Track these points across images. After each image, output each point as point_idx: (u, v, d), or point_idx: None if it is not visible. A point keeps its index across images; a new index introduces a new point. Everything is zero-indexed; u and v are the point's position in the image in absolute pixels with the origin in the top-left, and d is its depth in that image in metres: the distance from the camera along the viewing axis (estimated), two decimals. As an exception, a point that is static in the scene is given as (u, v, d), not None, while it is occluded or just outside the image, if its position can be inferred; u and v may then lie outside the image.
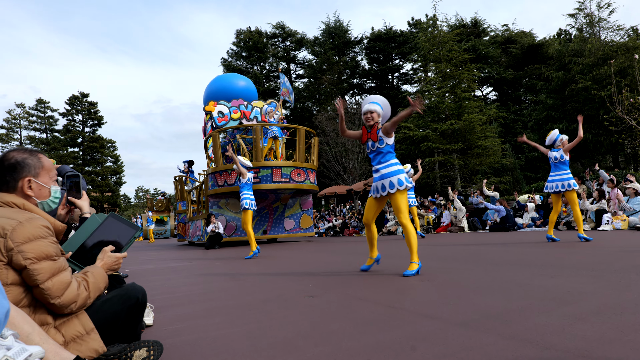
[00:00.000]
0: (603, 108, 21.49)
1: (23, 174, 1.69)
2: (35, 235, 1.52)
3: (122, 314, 1.73)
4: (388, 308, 2.74)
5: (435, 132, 24.53)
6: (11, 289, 1.49)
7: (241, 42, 42.34)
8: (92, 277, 1.72)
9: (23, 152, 1.72)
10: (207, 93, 16.59)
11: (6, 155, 1.68)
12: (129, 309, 1.75)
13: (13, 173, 1.67)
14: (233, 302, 3.35)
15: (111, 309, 1.68)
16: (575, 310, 2.34)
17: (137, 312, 1.81)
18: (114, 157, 48.67)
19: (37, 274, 1.50)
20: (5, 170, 1.66)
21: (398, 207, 4.26)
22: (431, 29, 27.08)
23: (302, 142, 13.93)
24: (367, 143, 4.50)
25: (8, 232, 1.48)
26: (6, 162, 1.67)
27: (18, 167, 1.68)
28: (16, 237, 1.49)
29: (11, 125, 45.08)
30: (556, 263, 4.43)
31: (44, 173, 1.76)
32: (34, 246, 1.51)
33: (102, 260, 1.85)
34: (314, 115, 32.83)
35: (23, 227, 1.51)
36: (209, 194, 13.84)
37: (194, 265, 7.22)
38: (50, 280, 1.53)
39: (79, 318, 1.61)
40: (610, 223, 9.89)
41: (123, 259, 1.94)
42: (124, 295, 1.75)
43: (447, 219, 14.88)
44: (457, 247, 7.63)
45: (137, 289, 1.81)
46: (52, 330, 1.54)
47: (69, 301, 1.58)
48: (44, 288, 1.52)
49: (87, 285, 1.68)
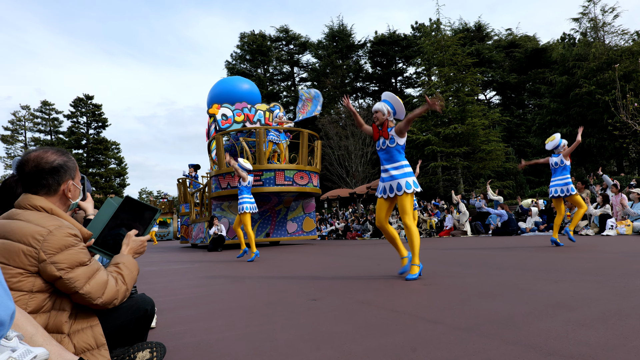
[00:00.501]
0: (607, 112, 21.41)
1: (66, 177, 1.67)
2: (66, 244, 1.52)
3: (131, 325, 1.74)
4: (390, 312, 2.74)
5: (438, 136, 24.51)
6: (36, 296, 1.49)
7: (245, 45, 42.50)
8: (125, 270, 1.73)
9: (61, 154, 1.68)
10: (211, 96, 16.65)
11: (45, 157, 1.62)
12: (137, 319, 1.76)
13: (56, 176, 1.63)
14: (235, 305, 3.35)
15: (120, 319, 1.69)
16: (579, 315, 2.33)
17: (145, 323, 1.82)
18: (117, 159, 48.82)
19: (74, 281, 1.52)
20: (47, 173, 1.61)
21: (404, 208, 4.25)
22: (435, 33, 27.11)
23: (305, 145, 13.94)
24: (377, 141, 4.46)
25: (40, 244, 1.47)
26: (47, 165, 1.62)
27: (61, 170, 1.65)
28: (48, 248, 1.48)
29: (16, 127, 45.32)
30: (560, 268, 4.41)
31: (77, 174, 1.76)
32: (66, 256, 1.51)
33: (128, 245, 1.84)
34: (317, 118, 32.88)
35: (54, 236, 1.50)
36: (212, 196, 13.86)
37: (197, 268, 7.22)
38: (88, 284, 1.55)
39: (92, 330, 1.61)
40: (614, 228, 9.84)
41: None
42: (133, 306, 1.76)
43: (449, 223, 14.84)
44: (459, 251, 7.61)
45: (147, 300, 1.82)
46: (65, 339, 1.54)
47: (110, 298, 1.61)
48: (84, 293, 1.54)
49: (123, 279, 1.69)
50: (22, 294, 1.46)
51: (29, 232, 1.48)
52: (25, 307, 1.46)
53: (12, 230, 1.49)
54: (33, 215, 1.56)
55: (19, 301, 1.45)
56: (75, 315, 1.60)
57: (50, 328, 1.52)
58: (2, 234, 1.50)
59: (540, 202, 13.51)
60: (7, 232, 1.49)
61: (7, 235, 1.49)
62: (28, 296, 1.47)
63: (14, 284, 1.46)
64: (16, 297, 1.45)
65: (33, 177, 1.60)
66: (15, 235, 1.48)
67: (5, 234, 1.50)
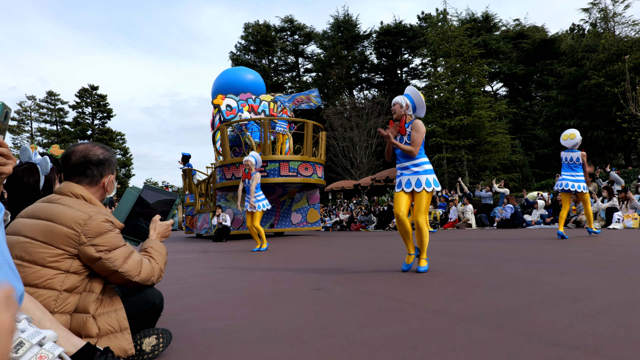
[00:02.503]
0: (616, 105, 21.18)
1: (108, 170, 1.80)
2: (104, 229, 1.64)
3: (139, 317, 1.78)
4: (395, 302, 2.74)
5: (443, 128, 24.36)
6: (70, 277, 1.59)
7: (249, 35, 42.31)
8: (155, 252, 1.86)
9: (106, 150, 1.82)
10: (216, 86, 16.62)
11: (93, 150, 1.77)
12: (145, 312, 1.80)
13: (100, 168, 1.77)
14: (240, 294, 3.38)
15: (128, 310, 1.72)
16: (585, 307, 2.33)
17: (153, 316, 1.86)
18: (122, 150, 49.00)
19: (114, 260, 1.64)
20: (93, 164, 1.75)
21: (419, 206, 4.03)
22: (441, 24, 26.82)
23: (310, 137, 13.91)
24: (395, 137, 4.21)
25: (81, 227, 1.58)
26: (94, 158, 1.76)
27: (106, 163, 1.79)
28: (88, 232, 1.60)
29: (22, 117, 45.54)
30: (565, 260, 4.39)
31: (115, 171, 1.88)
32: (104, 239, 1.63)
33: (155, 229, 1.96)
34: (322, 109, 32.80)
35: (93, 221, 1.61)
36: (217, 187, 13.91)
37: (202, 258, 7.27)
38: (126, 263, 1.67)
39: (117, 314, 1.67)
40: (621, 221, 9.78)
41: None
42: (142, 298, 1.79)
43: (454, 215, 14.81)
44: (464, 242, 7.60)
45: (155, 293, 1.85)
46: (90, 319, 1.61)
47: (147, 275, 1.75)
48: (123, 271, 1.66)
49: (155, 260, 1.82)
50: (58, 272, 1.57)
51: (71, 216, 1.59)
52: (61, 284, 1.56)
53: (56, 213, 1.59)
54: (73, 201, 1.67)
55: (56, 279, 1.56)
56: (101, 299, 1.69)
57: (79, 308, 1.62)
58: (45, 216, 1.60)
59: (545, 195, 13.43)
60: (50, 215, 1.59)
61: (50, 217, 1.59)
62: (64, 275, 1.58)
63: (52, 263, 1.56)
64: (52, 275, 1.55)
65: (79, 167, 1.74)
66: (58, 218, 1.58)
67: (48, 217, 1.59)
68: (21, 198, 2.06)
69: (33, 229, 1.57)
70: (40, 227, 1.57)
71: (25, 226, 1.59)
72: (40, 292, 1.53)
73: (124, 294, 1.80)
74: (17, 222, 1.64)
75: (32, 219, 1.61)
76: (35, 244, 1.55)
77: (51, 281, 1.55)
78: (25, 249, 1.54)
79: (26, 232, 1.57)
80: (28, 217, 1.64)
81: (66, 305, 1.58)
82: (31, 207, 1.68)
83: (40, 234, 1.56)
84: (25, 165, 2.12)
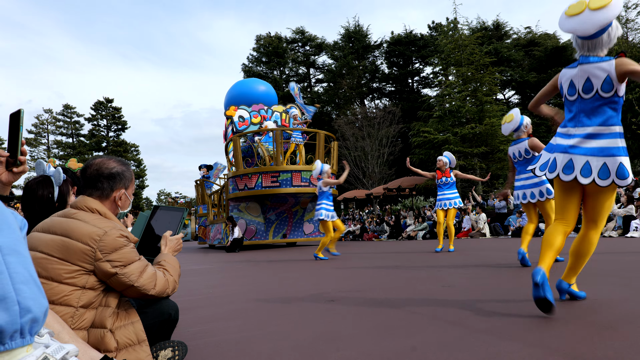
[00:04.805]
0: (631, 111, 20.82)
1: (119, 185, 1.78)
2: (119, 244, 1.64)
3: (154, 328, 1.79)
4: (409, 313, 2.72)
5: (456, 136, 24.21)
6: (87, 293, 1.60)
7: (261, 47, 42.76)
8: (168, 265, 1.87)
9: (121, 164, 1.81)
10: (228, 98, 16.83)
11: (106, 164, 1.77)
12: (161, 323, 1.81)
13: (111, 182, 1.76)
14: (254, 305, 3.38)
15: (144, 322, 1.73)
16: (604, 318, 2.28)
17: (169, 327, 1.87)
18: (137, 161, 49.69)
19: (129, 275, 1.64)
20: (104, 177, 1.74)
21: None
22: (452, 32, 26.82)
23: (322, 147, 13.96)
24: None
25: (96, 243, 1.59)
26: (106, 171, 1.75)
27: (117, 177, 1.77)
28: (104, 248, 1.59)
29: (39, 130, 46.56)
30: (582, 270, 4.30)
31: (132, 186, 1.87)
32: (120, 255, 1.63)
33: (166, 245, 1.98)
34: (333, 119, 32.87)
35: (108, 237, 1.61)
36: (230, 197, 13.99)
37: (215, 268, 7.30)
38: (142, 277, 1.68)
39: (134, 326, 1.67)
40: (638, 230, 9.57)
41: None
42: (158, 309, 1.81)
43: (467, 224, 14.65)
44: (479, 252, 7.51)
45: (171, 305, 1.87)
46: (108, 334, 1.60)
47: (163, 288, 1.75)
48: (139, 285, 1.66)
49: (169, 273, 1.84)
50: (75, 288, 1.57)
51: (87, 232, 1.59)
52: (77, 301, 1.56)
53: (72, 229, 1.59)
54: (89, 216, 1.67)
55: (72, 295, 1.56)
56: (117, 313, 1.68)
57: (95, 323, 1.61)
58: (60, 231, 1.60)
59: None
60: (66, 231, 1.60)
61: (65, 233, 1.59)
62: (81, 292, 1.58)
63: (68, 279, 1.56)
64: (69, 292, 1.55)
65: (92, 179, 1.74)
66: (74, 234, 1.58)
67: (63, 232, 1.60)
68: (36, 211, 2.07)
69: (49, 245, 1.57)
70: (56, 242, 1.57)
71: (41, 242, 1.59)
72: (58, 309, 1.52)
73: (140, 306, 1.81)
74: (33, 236, 1.64)
75: (48, 234, 1.61)
76: (52, 260, 1.55)
77: (68, 297, 1.54)
78: (42, 265, 1.54)
79: (42, 248, 1.57)
80: (44, 232, 1.64)
81: (83, 322, 1.57)
82: (47, 222, 1.68)
83: (56, 250, 1.56)
84: (40, 178, 2.14)
